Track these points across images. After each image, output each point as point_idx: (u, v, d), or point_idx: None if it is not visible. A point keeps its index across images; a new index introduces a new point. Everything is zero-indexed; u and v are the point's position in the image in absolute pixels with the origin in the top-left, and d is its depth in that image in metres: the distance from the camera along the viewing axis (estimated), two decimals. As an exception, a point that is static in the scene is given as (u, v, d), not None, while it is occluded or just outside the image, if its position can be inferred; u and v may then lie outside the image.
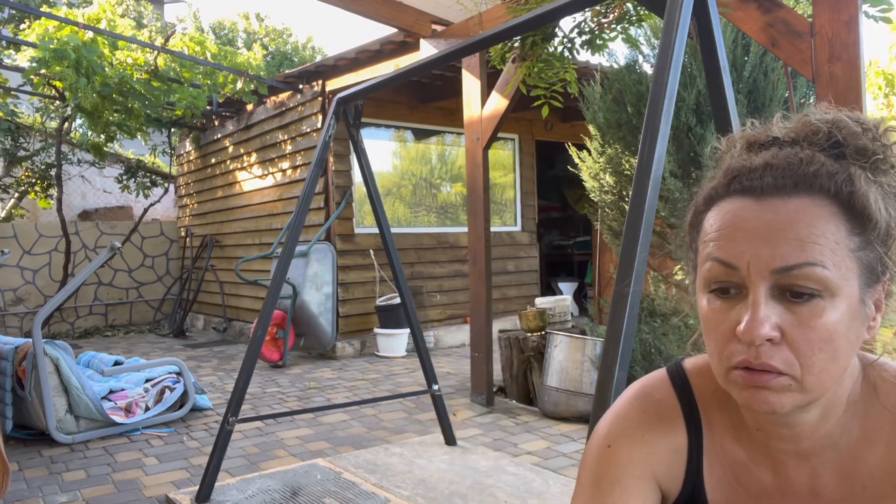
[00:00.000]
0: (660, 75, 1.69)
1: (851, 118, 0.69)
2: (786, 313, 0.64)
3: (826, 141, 0.68)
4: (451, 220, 7.57)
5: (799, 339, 0.63)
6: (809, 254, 0.62)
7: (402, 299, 3.40)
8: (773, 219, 0.64)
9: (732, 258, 0.66)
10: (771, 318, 0.63)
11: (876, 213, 0.65)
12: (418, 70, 2.86)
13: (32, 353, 3.78)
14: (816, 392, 0.65)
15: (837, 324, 0.63)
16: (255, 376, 5.57)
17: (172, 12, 18.67)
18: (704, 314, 0.69)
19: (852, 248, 0.64)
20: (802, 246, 0.63)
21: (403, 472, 3.09)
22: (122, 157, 9.94)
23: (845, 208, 0.64)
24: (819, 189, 0.65)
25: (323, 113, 6.53)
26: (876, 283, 0.66)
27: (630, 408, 0.83)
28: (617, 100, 4.24)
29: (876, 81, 8.19)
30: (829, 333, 0.63)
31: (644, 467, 0.80)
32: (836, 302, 0.63)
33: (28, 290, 8.49)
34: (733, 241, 0.66)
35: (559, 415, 4.05)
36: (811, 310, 0.63)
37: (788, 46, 2.75)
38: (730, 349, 0.66)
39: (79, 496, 3.08)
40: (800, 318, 0.63)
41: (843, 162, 0.67)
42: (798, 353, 0.63)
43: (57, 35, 5.97)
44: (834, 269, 0.63)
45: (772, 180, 0.66)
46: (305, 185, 3.02)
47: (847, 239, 0.64)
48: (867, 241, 0.65)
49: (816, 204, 0.64)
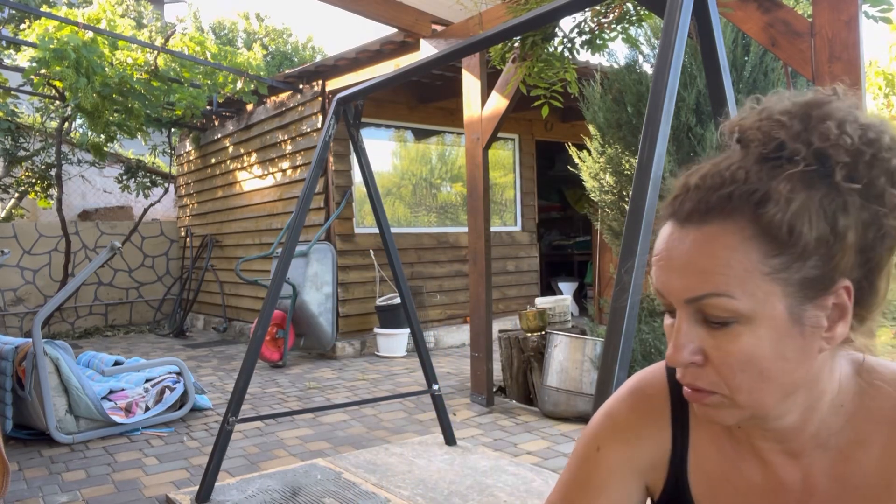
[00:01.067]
0: (660, 75, 1.70)
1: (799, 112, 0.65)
2: (707, 337, 0.65)
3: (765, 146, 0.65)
4: (451, 220, 7.57)
5: (719, 361, 0.65)
6: (713, 285, 0.63)
7: (402, 299, 3.40)
8: (685, 249, 0.65)
9: (660, 286, 0.69)
10: (690, 344, 0.66)
11: (799, 229, 0.62)
12: (418, 70, 2.85)
13: (32, 353, 3.78)
14: (756, 408, 0.66)
15: (756, 347, 0.64)
16: (255, 376, 5.57)
17: (172, 12, 18.68)
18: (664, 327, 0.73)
19: (770, 272, 0.63)
20: (706, 277, 0.64)
21: (403, 472, 3.09)
22: (122, 157, 9.94)
23: (759, 231, 0.63)
24: (732, 212, 0.63)
25: (323, 113, 6.53)
26: (822, 294, 0.64)
27: (622, 405, 0.85)
28: (617, 100, 4.25)
29: (876, 81, 8.19)
30: (747, 356, 0.64)
31: (630, 470, 0.82)
32: (755, 326, 0.63)
33: (28, 290, 8.49)
34: (661, 270, 0.68)
35: (559, 415, 4.05)
36: (727, 334, 0.64)
37: (788, 46, 2.75)
38: None
39: (79, 496, 3.08)
40: (719, 341, 0.65)
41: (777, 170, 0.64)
42: (721, 374, 0.65)
43: (57, 35, 5.97)
44: (744, 296, 0.63)
45: (691, 205, 0.66)
46: (305, 185, 3.02)
47: (761, 264, 0.62)
48: (792, 260, 0.62)
49: (727, 231, 0.63)
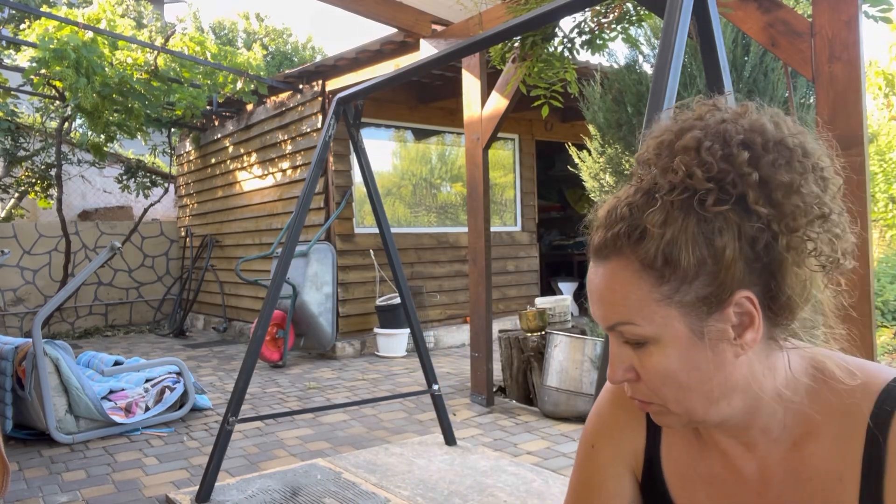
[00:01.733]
0: (660, 75, 1.69)
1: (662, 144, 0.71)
2: (634, 356, 0.73)
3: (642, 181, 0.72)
4: (451, 220, 7.57)
5: (646, 377, 0.73)
6: (618, 314, 0.71)
7: (402, 299, 3.40)
8: (597, 283, 0.73)
9: (593, 314, 0.76)
10: (623, 363, 0.74)
11: (677, 257, 0.67)
12: (418, 70, 2.85)
13: (32, 353, 3.78)
14: (692, 413, 0.73)
15: (668, 363, 0.70)
16: (255, 376, 5.57)
17: (172, 12, 18.68)
18: None
19: (661, 298, 0.69)
20: (612, 309, 0.72)
21: (403, 472, 3.09)
22: (122, 157, 9.94)
23: (644, 264, 0.69)
24: (621, 249, 0.70)
25: (323, 113, 6.53)
26: (719, 308, 0.68)
27: (605, 401, 0.92)
28: (617, 100, 4.25)
29: (876, 81, 8.19)
30: (662, 372, 0.71)
31: (620, 462, 0.88)
32: (662, 346, 0.70)
33: (28, 290, 8.49)
34: (589, 300, 0.76)
35: (559, 415, 4.05)
36: (643, 355, 0.72)
37: (788, 46, 2.75)
38: None
39: (79, 496, 3.08)
40: (641, 360, 0.72)
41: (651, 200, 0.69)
42: (650, 388, 0.73)
43: (57, 35, 5.96)
44: (644, 322, 0.69)
45: (598, 243, 0.73)
46: (305, 185, 3.02)
47: (652, 292, 0.69)
48: (679, 284, 0.68)
49: (621, 266, 0.70)
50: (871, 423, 0.70)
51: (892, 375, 0.72)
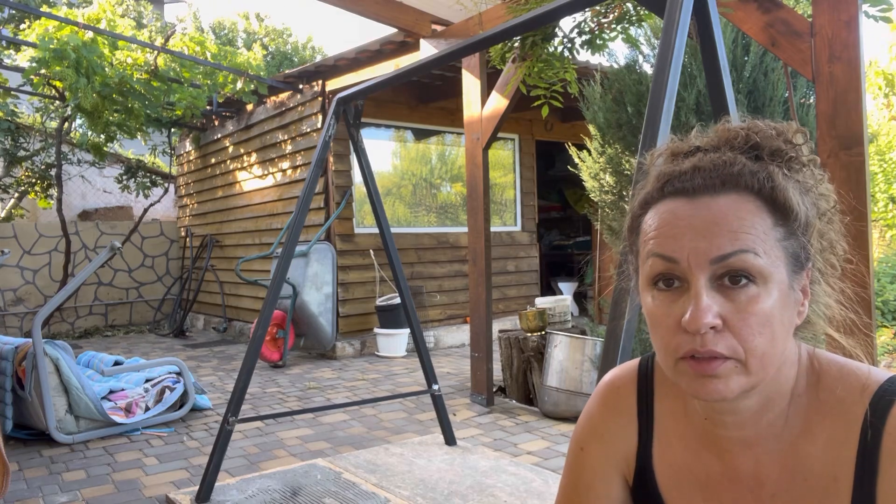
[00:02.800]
0: (660, 75, 1.70)
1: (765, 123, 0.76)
2: (725, 302, 0.69)
3: (745, 144, 0.75)
4: (451, 220, 7.57)
5: (739, 324, 0.68)
6: (742, 242, 0.69)
7: (402, 299, 3.40)
8: (707, 215, 0.70)
9: (673, 252, 0.71)
10: (713, 307, 0.68)
11: (796, 205, 0.71)
12: (418, 70, 2.85)
13: (32, 353, 3.78)
14: (759, 374, 0.70)
15: (772, 308, 0.69)
16: (255, 376, 5.58)
17: (172, 12, 18.68)
18: (649, 310, 0.75)
19: (778, 238, 0.70)
20: (735, 236, 0.69)
21: (403, 472, 3.09)
22: (122, 157, 9.94)
23: (768, 202, 0.71)
24: (744, 186, 0.71)
25: (323, 113, 6.53)
26: (801, 270, 0.73)
27: (595, 402, 0.92)
28: (617, 100, 4.24)
29: (876, 81, 8.19)
30: (765, 317, 0.69)
31: (609, 465, 0.89)
32: (769, 287, 0.69)
33: (28, 290, 8.49)
34: (672, 238, 0.72)
35: (559, 415, 4.05)
36: (748, 296, 0.69)
37: (788, 46, 2.75)
38: (676, 341, 0.71)
39: (79, 496, 3.08)
40: (738, 304, 0.69)
41: (761, 163, 0.73)
42: (739, 337, 0.69)
43: (57, 35, 5.96)
44: (765, 256, 0.69)
45: (701, 181, 0.72)
46: (305, 185, 3.02)
47: (773, 230, 0.70)
48: (790, 232, 0.71)
49: (743, 199, 0.71)
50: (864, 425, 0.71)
51: (885, 377, 0.73)
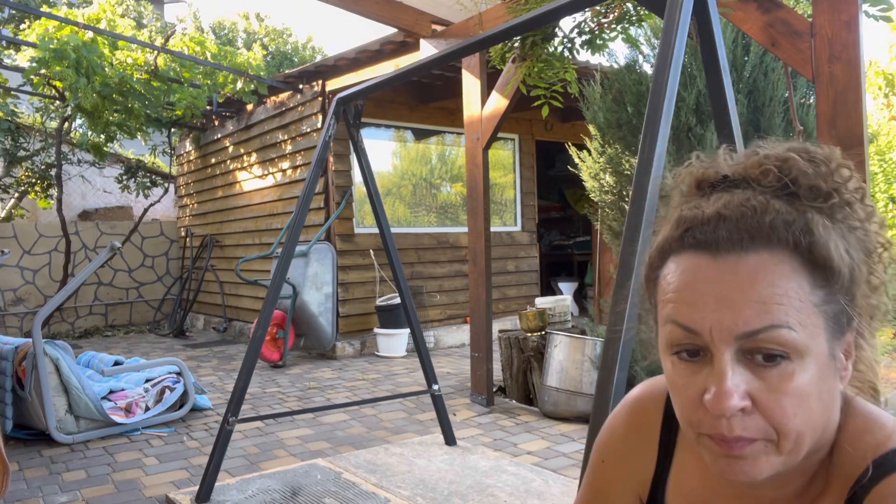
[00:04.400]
0: (660, 75, 1.70)
1: (802, 154, 0.66)
2: (755, 379, 0.60)
3: (777, 182, 0.64)
4: (451, 220, 7.57)
5: (771, 405, 0.60)
6: (774, 316, 0.59)
7: (402, 299, 3.40)
8: (733, 279, 0.61)
9: (693, 323, 0.62)
10: (740, 387, 0.60)
11: (839, 262, 0.61)
12: (418, 70, 2.85)
13: (32, 353, 3.78)
14: (793, 455, 0.62)
15: (809, 385, 0.60)
16: (255, 376, 5.57)
17: (172, 12, 18.68)
18: (669, 377, 0.66)
19: (817, 303, 0.61)
20: (766, 308, 0.59)
21: (403, 472, 3.09)
22: (122, 157, 9.94)
23: (806, 261, 0.61)
24: (777, 242, 0.61)
25: (323, 113, 6.53)
26: (844, 333, 0.64)
27: (621, 419, 0.86)
28: (617, 100, 4.25)
29: (876, 81, 8.19)
30: (801, 397, 0.60)
31: (627, 484, 0.85)
32: (806, 362, 0.60)
33: (28, 290, 8.49)
34: (693, 306, 0.62)
35: (559, 415, 4.05)
36: (781, 374, 0.60)
37: (788, 46, 2.75)
38: (698, 416, 0.63)
39: (79, 496, 3.08)
40: (770, 383, 0.60)
41: (798, 205, 0.63)
42: (772, 419, 0.60)
43: (57, 35, 5.97)
44: (801, 328, 0.59)
45: (726, 234, 0.62)
46: (305, 185, 3.02)
47: (811, 294, 0.61)
48: (831, 293, 0.62)
49: (776, 259, 0.61)
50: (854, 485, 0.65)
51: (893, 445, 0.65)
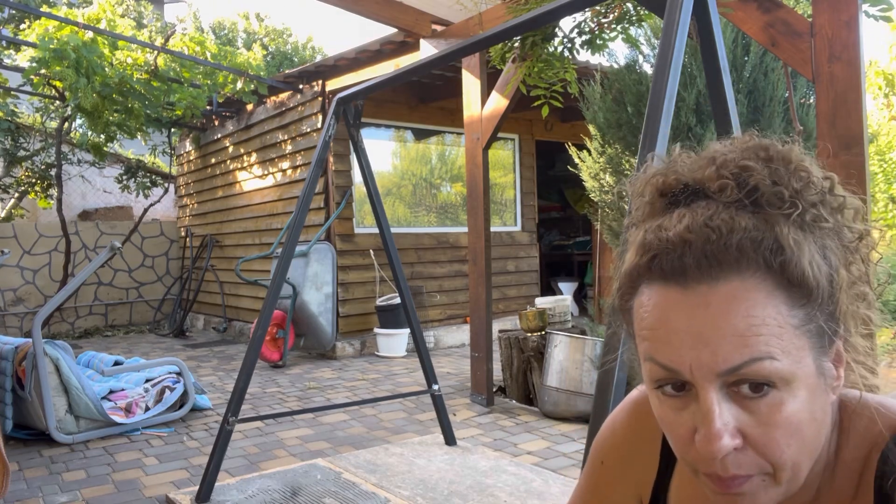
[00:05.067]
0: (660, 75, 1.70)
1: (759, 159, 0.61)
2: (743, 413, 0.58)
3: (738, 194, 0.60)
4: (451, 220, 7.57)
5: (764, 440, 0.57)
6: (754, 349, 0.56)
7: (402, 299, 3.40)
8: (705, 314, 0.57)
9: (672, 363, 0.59)
10: (729, 426, 0.57)
11: (816, 275, 0.58)
12: (418, 70, 2.86)
13: (32, 353, 3.78)
14: (793, 482, 0.60)
15: (800, 412, 0.58)
16: (255, 376, 5.58)
17: (172, 12, 18.67)
18: (658, 413, 0.63)
19: (797, 325, 0.57)
20: (744, 342, 0.56)
21: (403, 472, 3.09)
22: (122, 157, 9.94)
23: (781, 281, 0.57)
24: (747, 265, 0.57)
25: (323, 113, 6.53)
26: (831, 345, 0.61)
27: (622, 419, 0.84)
28: (617, 100, 4.25)
29: (876, 81, 8.19)
30: (793, 425, 0.57)
31: (628, 487, 0.83)
32: (794, 388, 0.57)
33: (28, 290, 8.49)
34: (669, 344, 0.59)
35: (559, 415, 4.05)
36: (769, 405, 0.57)
37: (788, 46, 2.75)
38: (692, 455, 0.60)
39: (79, 496, 3.08)
40: (759, 417, 0.57)
41: (764, 215, 0.59)
42: (765, 453, 0.58)
43: (57, 35, 5.97)
44: (784, 356, 0.56)
45: (693, 262, 0.58)
46: (305, 185, 3.02)
47: (790, 317, 0.57)
48: (812, 310, 0.58)
49: (748, 286, 0.57)
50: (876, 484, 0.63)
51: None
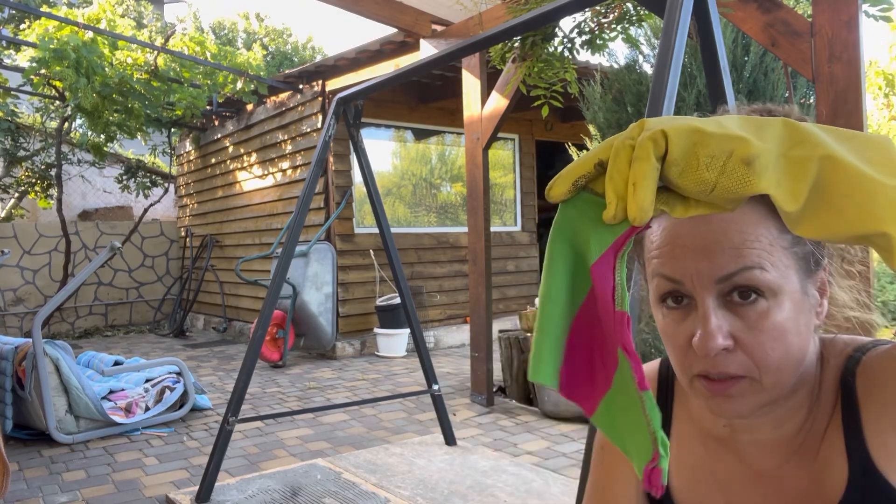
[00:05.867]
0: (660, 75, 1.70)
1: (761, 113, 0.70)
2: (735, 319, 0.66)
3: None
4: (451, 220, 7.57)
5: (751, 342, 0.66)
6: (746, 259, 0.65)
7: (402, 299, 3.40)
8: (707, 231, 0.66)
9: (676, 274, 0.68)
10: (723, 328, 0.66)
11: None
12: (418, 70, 2.86)
13: (32, 353, 3.78)
14: (776, 389, 0.68)
15: (785, 321, 0.66)
16: (255, 376, 5.57)
17: (172, 12, 18.68)
18: (661, 327, 0.72)
19: (786, 246, 0.67)
20: (738, 252, 0.65)
21: (403, 472, 3.09)
22: (122, 157, 9.94)
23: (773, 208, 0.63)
24: None
25: (323, 113, 6.53)
26: (815, 271, 0.69)
27: None
28: (617, 100, 4.25)
29: (876, 81, 8.19)
30: (778, 332, 0.66)
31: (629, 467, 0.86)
32: (780, 300, 0.66)
33: (28, 290, 8.49)
34: (674, 258, 0.68)
35: (559, 415, 4.05)
36: (758, 312, 0.66)
37: (788, 46, 2.75)
38: (689, 360, 0.69)
39: (79, 496, 3.08)
40: (748, 322, 0.66)
41: None
42: (752, 355, 0.66)
43: (57, 35, 5.97)
44: (772, 269, 0.65)
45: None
46: (305, 185, 3.02)
47: (779, 238, 0.66)
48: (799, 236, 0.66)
49: (745, 209, 0.66)
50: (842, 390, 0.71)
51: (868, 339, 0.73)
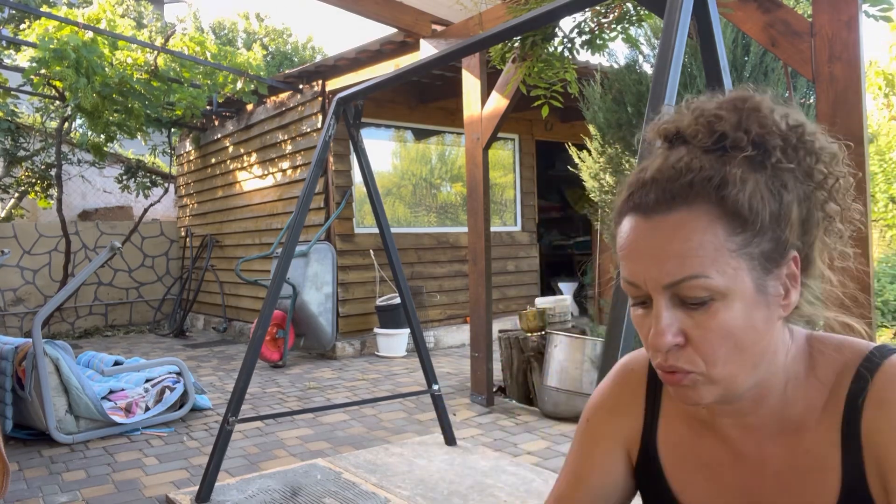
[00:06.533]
0: (660, 75, 1.69)
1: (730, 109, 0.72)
2: (686, 318, 0.70)
3: (707, 139, 0.71)
4: (451, 220, 7.57)
5: (699, 339, 0.70)
6: (689, 268, 0.68)
7: (402, 299, 3.40)
8: (656, 237, 0.70)
9: (632, 277, 0.73)
10: (673, 326, 0.70)
11: (756, 207, 0.68)
12: (418, 70, 2.85)
13: (32, 353, 3.78)
14: (728, 381, 0.72)
15: (733, 320, 0.69)
16: (255, 376, 5.57)
17: (172, 12, 18.68)
18: (633, 321, 0.77)
19: (735, 249, 0.68)
20: (682, 261, 0.68)
21: (403, 472, 3.09)
22: (122, 157, 9.94)
23: (722, 212, 0.68)
24: (695, 198, 0.69)
25: (323, 113, 6.53)
26: (778, 265, 0.71)
27: (607, 379, 0.95)
28: (617, 100, 4.25)
29: (876, 81, 8.19)
30: (725, 330, 0.69)
31: (613, 438, 0.91)
32: (729, 301, 0.69)
33: (28, 290, 8.49)
34: (631, 262, 0.72)
35: (559, 415, 4.05)
36: (706, 313, 0.69)
37: (788, 46, 2.75)
38: (652, 353, 0.74)
39: (79, 496, 3.08)
40: (697, 321, 0.70)
41: (726, 158, 0.70)
42: (700, 352, 0.70)
43: (57, 35, 5.96)
44: (718, 275, 0.68)
45: (654, 196, 0.70)
46: (305, 185, 3.02)
47: (727, 242, 0.68)
48: (753, 236, 0.69)
49: (693, 215, 0.69)
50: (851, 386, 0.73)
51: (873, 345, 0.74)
